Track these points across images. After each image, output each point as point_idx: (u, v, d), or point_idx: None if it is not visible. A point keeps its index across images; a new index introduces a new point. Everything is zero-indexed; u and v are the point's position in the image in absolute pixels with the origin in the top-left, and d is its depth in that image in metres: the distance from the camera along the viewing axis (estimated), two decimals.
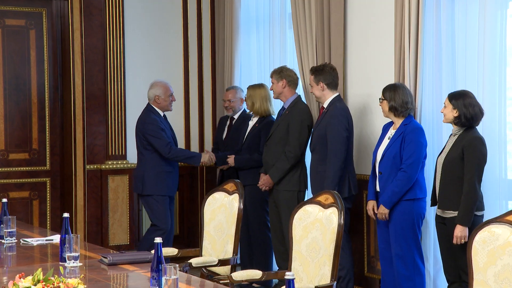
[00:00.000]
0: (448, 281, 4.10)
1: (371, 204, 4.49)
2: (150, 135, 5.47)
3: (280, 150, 5.13)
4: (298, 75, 5.42)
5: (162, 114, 5.60)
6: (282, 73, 5.23)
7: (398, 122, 4.41)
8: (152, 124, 5.48)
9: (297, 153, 5.09)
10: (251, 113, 5.71)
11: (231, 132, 5.97)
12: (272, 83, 5.27)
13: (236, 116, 5.98)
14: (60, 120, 6.49)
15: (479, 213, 3.92)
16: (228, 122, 6.04)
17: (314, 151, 4.91)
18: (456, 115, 3.97)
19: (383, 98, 4.44)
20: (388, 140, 4.43)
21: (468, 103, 3.95)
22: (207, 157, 5.63)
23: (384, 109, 4.45)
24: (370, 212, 4.50)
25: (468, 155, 3.88)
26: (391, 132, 4.45)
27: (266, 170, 5.22)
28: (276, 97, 5.32)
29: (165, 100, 5.57)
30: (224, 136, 6.03)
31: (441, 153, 4.11)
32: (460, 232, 3.86)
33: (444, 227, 4.02)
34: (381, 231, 4.50)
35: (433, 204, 4.18)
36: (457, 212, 3.91)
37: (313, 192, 4.88)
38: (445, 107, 4.05)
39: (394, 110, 4.38)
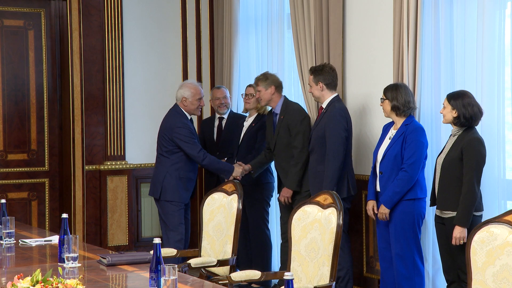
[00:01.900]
0: (447, 281, 4.10)
1: (371, 204, 4.49)
2: (182, 141, 5.15)
3: (289, 155, 5.12)
4: (297, 75, 5.43)
5: (189, 117, 5.30)
6: (268, 80, 5.22)
7: (399, 122, 4.41)
8: (183, 128, 5.17)
9: (306, 153, 5.07)
10: (247, 112, 5.70)
11: (223, 133, 5.91)
12: (259, 91, 5.23)
13: (225, 116, 5.95)
14: (59, 120, 6.49)
15: (477, 214, 3.92)
16: (217, 123, 6.00)
17: (313, 151, 4.91)
18: (455, 115, 3.97)
19: (384, 97, 4.44)
20: (389, 140, 4.43)
21: (467, 103, 3.96)
22: (239, 172, 5.23)
23: (385, 109, 4.44)
24: (370, 212, 4.50)
25: (467, 156, 3.89)
26: (392, 132, 4.46)
27: (282, 178, 5.20)
28: (265, 104, 5.31)
29: (192, 104, 5.24)
30: (215, 137, 5.99)
31: (440, 154, 4.11)
32: (459, 233, 3.86)
33: (443, 227, 4.03)
34: (380, 230, 4.50)
35: (432, 204, 4.19)
36: (455, 213, 3.92)
37: (312, 192, 4.87)
38: (444, 107, 4.06)
39: (396, 109, 4.38)
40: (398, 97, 4.37)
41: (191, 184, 5.29)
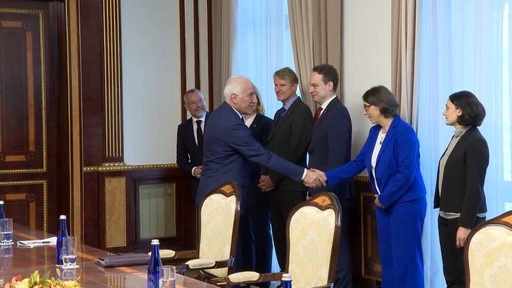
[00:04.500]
0: (447, 282, 4.10)
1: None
2: (241, 144, 4.60)
3: (282, 151, 5.10)
4: (295, 76, 5.43)
5: (240, 116, 4.79)
6: (294, 75, 5.21)
7: (387, 124, 4.40)
8: (239, 130, 4.63)
9: (299, 153, 5.08)
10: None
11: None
12: (283, 84, 5.17)
13: (202, 119, 5.98)
14: (57, 122, 6.48)
15: (481, 215, 3.92)
16: (195, 127, 6.03)
17: (313, 152, 4.88)
18: (459, 114, 3.97)
19: (368, 104, 4.42)
20: (380, 145, 4.43)
21: (471, 101, 3.97)
22: (313, 178, 4.60)
23: (373, 115, 4.42)
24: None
25: (470, 157, 3.89)
26: (381, 136, 4.45)
27: (266, 171, 5.18)
28: (285, 98, 5.20)
29: (243, 101, 4.72)
30: (196, 142, 6.01)
31: (443, 155, 4.11)
32: (462, 234, 3.85)
33: (447, 228, 4.03)
34: (382, 232, 4.49)
35: (435, 206, 4.18)
36: (459, 214, 3.92)
37: (312, 193, 4.86)
38: (447, 108, 4.05)
39: (385, 111, 4.37)
40: (383, 98, 4.37)
41: (246, 192, 4.71)
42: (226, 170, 4.65)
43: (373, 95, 4.40)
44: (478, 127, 4.01)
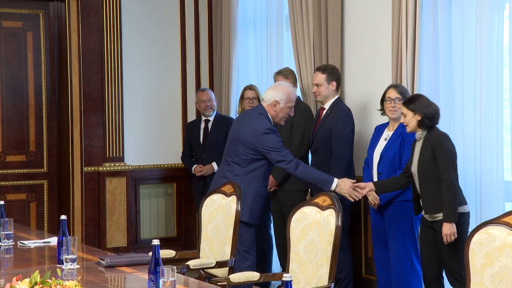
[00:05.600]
0: (424, 280, 4.09)
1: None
2: (270, 150, 4.34)
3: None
4: (296, 76, 5.43)
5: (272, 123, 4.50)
6: (295, 76, 5.25)
7: (395, 124, 4.40)
8: (271, 134, 4.36)
9: (301, 152, 5.08)
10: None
11: (210, 135, 5.96)
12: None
13: (211, 118, 6.00)
14: (58, 122, 6.49)
15: (464, 210, 3.90)
16: (203, 125, 6.05)
17: (316, 152, 4.89)
18: (418, 118, 3.95)
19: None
20: (385, 142, 4.43)
21: (426, 103, 3.97)
22: (346, 188, 4.30)
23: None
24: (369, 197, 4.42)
25: (439, 154, 3.90)
26: (387, 133, 4.45)
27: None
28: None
29: (282, 111, 4.45)
30: (201, 140, 6.03)
31: (412, 163, 4.05)
32: (448, 229, 3.84)
33: (431, 231, 4.01)
34: (376, 233, 4.49)
35: (417, 213, 4.15)
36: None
37: (314, 193, 4.86)
38: (404, 116, 3.98)
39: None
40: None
41: (263, 201, 4.53)
42: (249, 178, 4.42)
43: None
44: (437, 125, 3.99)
